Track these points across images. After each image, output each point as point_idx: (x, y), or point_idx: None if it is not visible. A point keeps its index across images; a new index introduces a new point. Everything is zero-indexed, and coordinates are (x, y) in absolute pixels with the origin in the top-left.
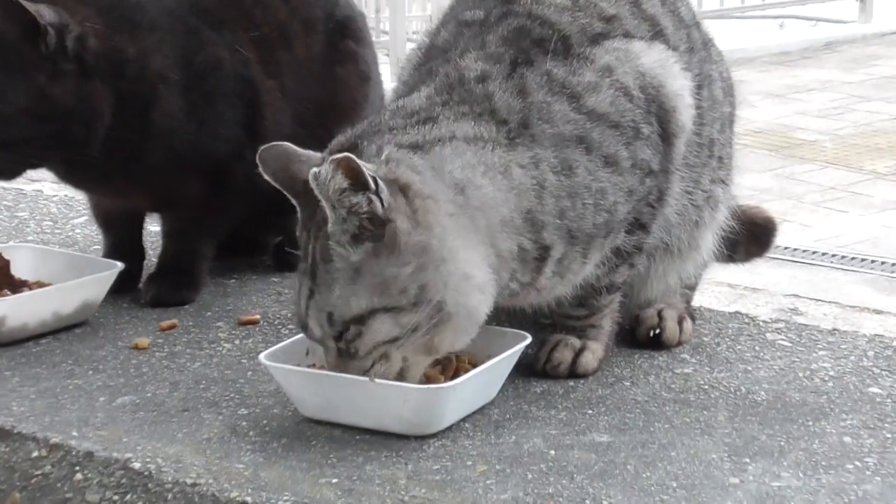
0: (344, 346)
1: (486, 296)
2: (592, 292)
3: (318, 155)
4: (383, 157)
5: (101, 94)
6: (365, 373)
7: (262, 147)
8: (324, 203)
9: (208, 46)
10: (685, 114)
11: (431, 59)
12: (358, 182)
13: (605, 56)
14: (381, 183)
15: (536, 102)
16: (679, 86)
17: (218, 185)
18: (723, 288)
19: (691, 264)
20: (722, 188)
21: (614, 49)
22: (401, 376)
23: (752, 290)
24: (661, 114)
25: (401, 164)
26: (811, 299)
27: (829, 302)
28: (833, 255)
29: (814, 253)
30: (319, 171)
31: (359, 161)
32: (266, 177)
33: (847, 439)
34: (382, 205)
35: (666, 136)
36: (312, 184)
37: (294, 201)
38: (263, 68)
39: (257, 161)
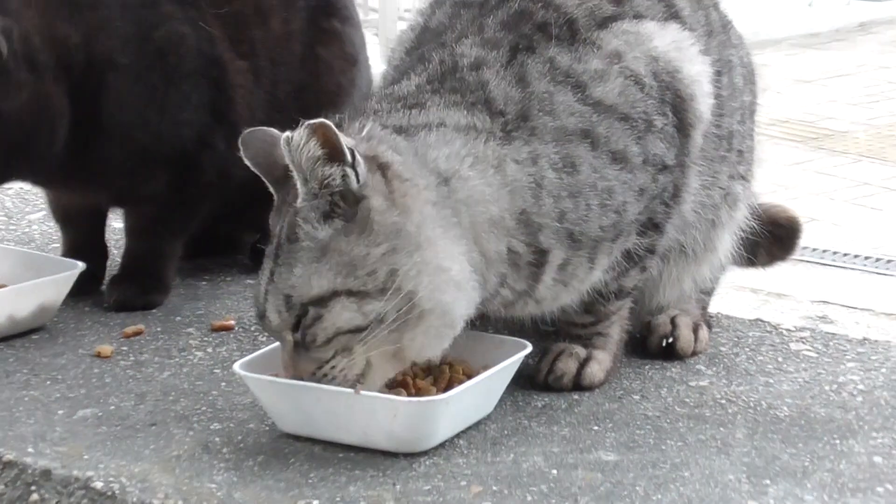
0: (300, 336)
1: (463, 294)
2: (600, 298)
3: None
4: (364, 134)
5: (57, 94)
6: (321, 369)
7: (246, 131)
8: (295, 173)
9: (168, 21)
10: (703, 102)
11: (424, 42)
12: (334, 152)
13: (613, 41)
14: (358, 156)
15: (537, 93)
16: (697, 71)
17: (185, 178)
18: (745, 293)
19: (707, 267)
20: (742, 185)
21: (624, 32)
22: (361, 378)
23: (776, 295)
24: (676, 102)
25: (382, 143)
26: (842, 306)
27: (862, 309)
28: (866, 258)
29: (845, 255)
30: (293, 136)
31: (336, 129)
32: (246, 160)
33: (877, 459)
34: (358, 179)
35: (682, 126)
36: (284, 150)
37: (272, 188)
38: (233, 47)
39: (239, 144)
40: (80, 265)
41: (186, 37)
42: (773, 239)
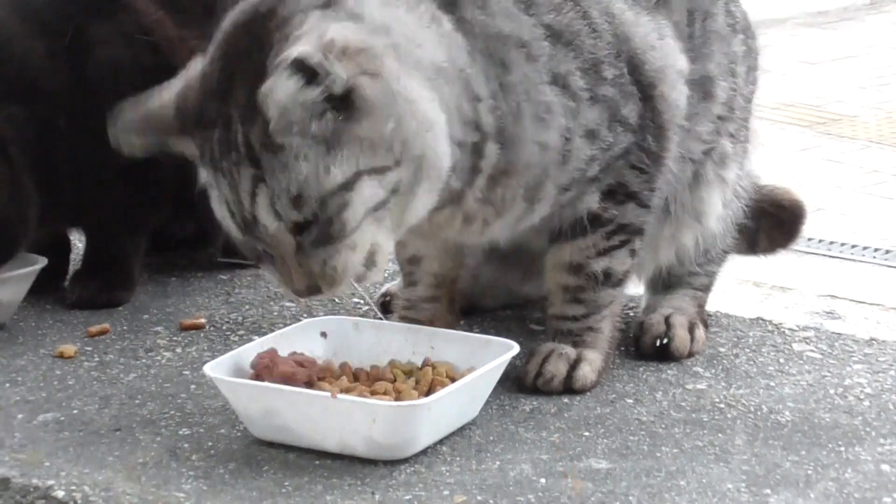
0: (314, 236)
1: (448, 145)
2: (587, 280)
3: (162, 89)
4: (306, 27)
5: (28, 182)
6: (327, 267)
7: (110, 128)
8: (273, 113)
9: (94, 49)
10: (659, 60)
11: None
12: (312, 77)
13: None
14: (326, 64)
15: None
16: (653, 38)
17: (145, 178)
18: (747, 287)
19: (690, 233)
20: (731, 143)
21: None
22: (370, 262)
23: (780, 289)
24: (631, 62)
25: (328, 29)
26: (850, 300)
27: (871, 303)
28: (876, 250)
29: (853, 246)
30: (274, 88)
31: (305, 53)
32: (135, 140)
33: (885, 467)
34: (339, 83)
35: (642, 87)
36: (267, 102)
37: (181, 135)
38: (187, 48)
39: (111, 132)
40: (42, 260)
41: (119, 60)
42: (774, 223)
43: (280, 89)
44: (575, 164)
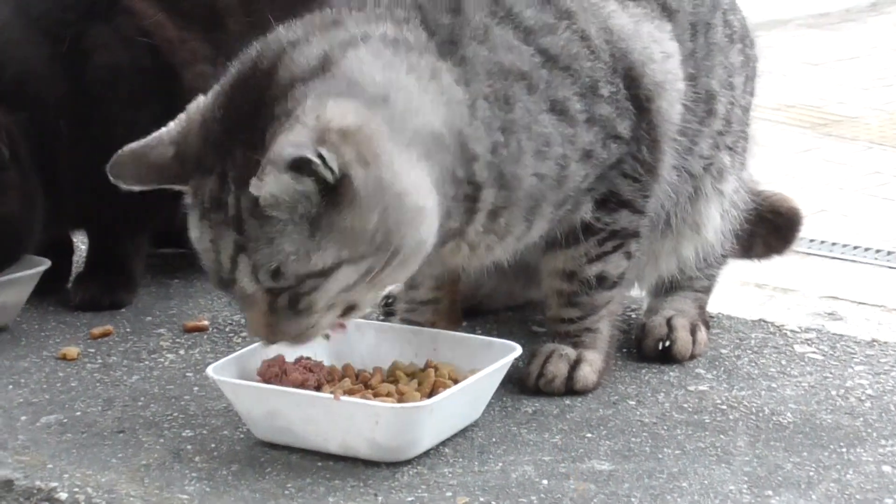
0: (286, 302)
1: (434, 221)
2: (581, 286)
3: (169, 125)
4: (307, 112)
5: (37, 186)
6: (303, 329)
7: (110, 164)
8: (264, 197)
9: (94, 53)
10: (660, 74)
11: None
12: (306, 169)
13: (569, 1)
14: (325, 153)
15: (472, 22)
16: (655, 50)
17: None
18: (749, 288)
19: (691, 246)
20: (730, 156)
21: None
22: (346, 316)
23: (782, 290)
24: (628, 74)
25: (326, 108)
26: (851, 301)
27: (873, 304)
28: (877, 251)
29: (855, 248)
30: (267, 181)
31: (301, 151)
32: (136, 188)
33: (886, 469)
34: (333, 172)
35: (637, 99)
36: (260, 187)
37: (181, 187)
38: (187, 49)
39: (112, 179)
40: (45, 263)
41: (118, 64)
42: (771, 229)
43: (272, 184)
44: (571, 184)
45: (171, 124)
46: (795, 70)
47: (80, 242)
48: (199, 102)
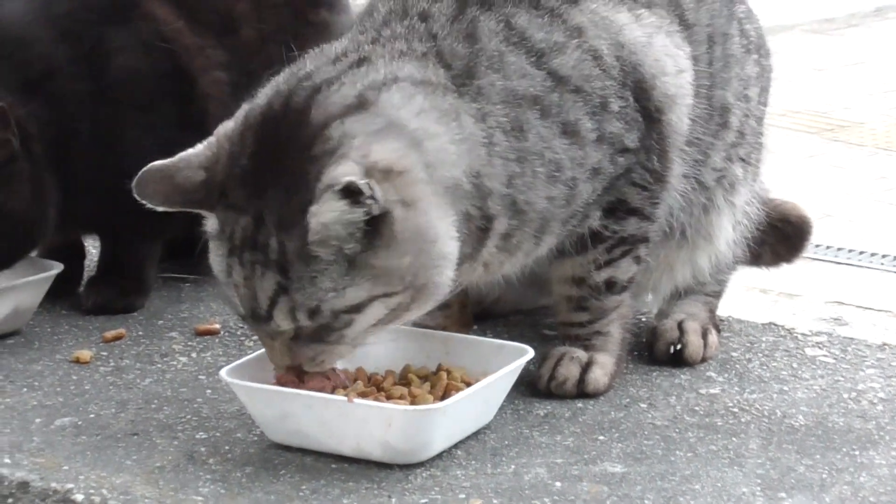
0: (316, 333)
1: (454, 264)
2: (590, 291)
3: (195, 150)
4: (354, 149)
5: (50, 180)
6: (317, 357)
7: (136, 181)
8: (316, 229)
9: (114, 56)
10: (672, 85)
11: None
12: (357, 199)
13: (579, 16)
14: (374, 187)
15: (487, 51)
16: (666, 63)
17: None
18: (753, 293)
19: (705, 256)
20: (742, 168)
21: (592, 12)
22: (357, 346)
23: (787, 295)
24: (638, 87)
25: (371, 149)
26: (857, 307)
27: (879, 310)
28: (884, 256)
29: (861, 253)
30: (321, 209)
31: (353, 177)
32: (159, 207)
33: None
34: (378, 205)
35: (647, 111)
36: (313, 222)
37: (203, 209)
38: (203, 56)
39: (137, 196)
40: (58, 266)
41: (138, 68)
42: (780, 237)
43: (328, 212)
44: (579, 201)
45: (200, 147)
46: (801, 75)
47: (92, 247)
48: (227, 129)
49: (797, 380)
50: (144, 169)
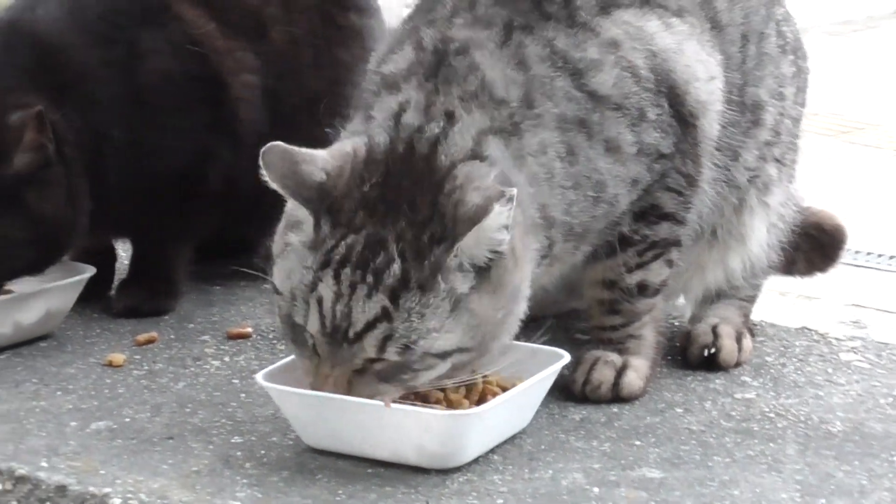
0: (386, 371)
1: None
2: (622, 294)
3: (320, 153)
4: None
5: (83, 185)
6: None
7: (264, 150)
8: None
9: (146, 59)
10: (703, 91)
11: (419, 11)
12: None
13: (613, 28)
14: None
15: (539, 76)
16: (699, 69)
17: (190, 189)
18: (772, 296)
19: (737, 257)
20: (777, 168)
21: (625, 23)
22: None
23: (806, 298)
24: (672, 93)
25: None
26: (876, 310)
27: None
28: None
29: (879, 256)
30: (493, 213)
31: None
32: (271, 182)
33: None
34: (508, 236)
35: (681, 116)
36: (479, 230)
37: (307, 208)
38: (234, 59)
39: (261, 164)
40: (90, 269)
41: (170, 71)
42: (814, 245)
43: (494, 217)
44: (617, 212)
45: (325, 153)
46: (818, 77)
47: (122, 250)
48: (352, 151)
49: (832, 385)
50: (272, 143)
